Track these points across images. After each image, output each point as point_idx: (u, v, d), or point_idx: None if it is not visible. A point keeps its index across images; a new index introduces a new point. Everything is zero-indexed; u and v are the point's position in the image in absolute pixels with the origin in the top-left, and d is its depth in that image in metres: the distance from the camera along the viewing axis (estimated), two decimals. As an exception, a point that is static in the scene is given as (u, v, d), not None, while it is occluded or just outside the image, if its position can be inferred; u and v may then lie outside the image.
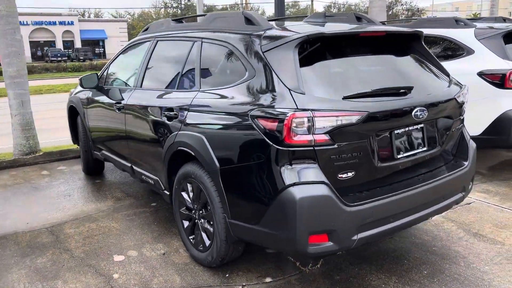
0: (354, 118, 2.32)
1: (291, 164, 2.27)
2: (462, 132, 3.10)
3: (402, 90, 2.61)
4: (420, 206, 2.64)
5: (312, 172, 2.26)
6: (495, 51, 4.55)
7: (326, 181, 2.26)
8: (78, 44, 51.15)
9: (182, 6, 56.52)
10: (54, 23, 50.50)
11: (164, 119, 3.17)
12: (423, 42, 3.12)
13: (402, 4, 61.62)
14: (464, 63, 4.73)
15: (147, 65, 3.79)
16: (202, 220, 2.99)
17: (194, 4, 56.38)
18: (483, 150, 4.85)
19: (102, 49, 54.05)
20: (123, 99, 3.90)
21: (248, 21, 2.84)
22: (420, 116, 2.57)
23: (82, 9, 69.39)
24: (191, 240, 3.14)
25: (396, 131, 2.57)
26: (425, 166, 2.81)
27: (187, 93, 3.10)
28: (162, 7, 58.97)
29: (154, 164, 3.47)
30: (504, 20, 5.72)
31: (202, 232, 3.00)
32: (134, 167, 3.90)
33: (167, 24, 3.85)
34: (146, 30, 4.24)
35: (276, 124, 2.27)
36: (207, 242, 2.94)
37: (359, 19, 3.27)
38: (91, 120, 4.72)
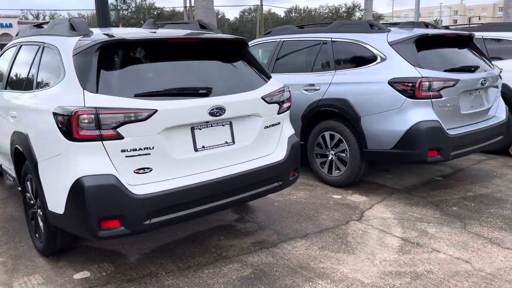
0: None
1: None
2: None
3: None
4: None
5: None
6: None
7: None
8: (18, 48, 48.08)
9: (133, 8, 54.20)
10: (-10, 25, 47.38)
11: None
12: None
13: (361, 10, 60.85)
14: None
15: None
16: None
17: (145, 6, 54.17)
18: None
19: (45, 53, 51.25)
20: None
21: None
22: None
23: (36, 11, 66.24)
24: None
25: None
26: None
27: None
28: (112, 9, 56.41)
29: None
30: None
31: None
32: None
33: None
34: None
35: None
36: None
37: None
38: None
